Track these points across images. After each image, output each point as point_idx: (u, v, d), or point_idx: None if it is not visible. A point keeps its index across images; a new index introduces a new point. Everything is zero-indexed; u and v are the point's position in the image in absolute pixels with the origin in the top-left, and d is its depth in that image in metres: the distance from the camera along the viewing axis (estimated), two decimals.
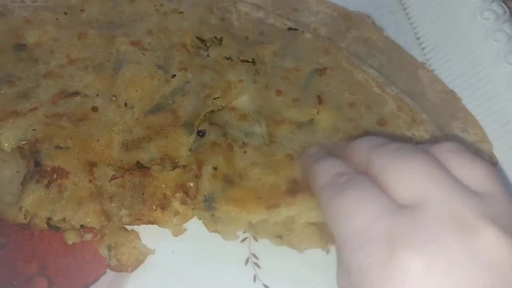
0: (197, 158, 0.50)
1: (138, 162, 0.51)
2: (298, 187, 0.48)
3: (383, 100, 0.56)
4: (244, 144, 0.51)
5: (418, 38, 0.68)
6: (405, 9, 0.71)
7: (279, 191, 0.47)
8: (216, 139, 0.51)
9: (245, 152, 0.51)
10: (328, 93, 0.56)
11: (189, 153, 0.51)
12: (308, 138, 0.52)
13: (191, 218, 0.50)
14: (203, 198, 0.48)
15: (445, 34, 0.66)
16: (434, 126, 0.55)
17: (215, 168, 0.49)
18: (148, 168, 0.50)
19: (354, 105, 0.55)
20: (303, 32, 0.62)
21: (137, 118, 0.54)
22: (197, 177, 0.49)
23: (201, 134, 0.52)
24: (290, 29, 0.62)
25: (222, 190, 0.48)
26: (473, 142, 0.57)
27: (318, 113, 0.54)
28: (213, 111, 0.54)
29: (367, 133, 0.53)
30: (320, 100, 0.55)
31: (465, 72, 0.62)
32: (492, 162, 0.56)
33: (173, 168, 0.51)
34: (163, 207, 0.49)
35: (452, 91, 0.62)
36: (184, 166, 0.50)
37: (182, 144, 0.52)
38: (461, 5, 0.65)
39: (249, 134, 0.52)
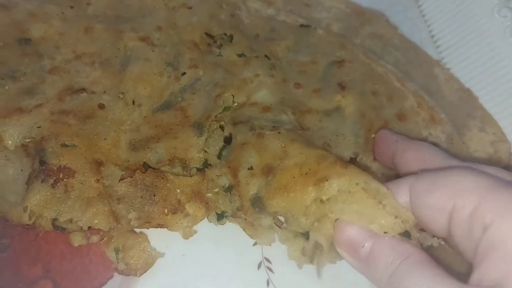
0: (230, 167, 0.48)
1: (145, 163, 0.49)
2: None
3: (403, 94, 0.55)
4: (275, 128, 0.48)
5: (432, 36, 0.67)
6: (419, 7, 0.69)
7: (326, 161, 0.42)
8: (244, 138, 0.48)
9: (279, 132, 0.47)
10: (349, 82, 0.55)
11: (200, 155, 0.50)
12: (338, 125, 0.51)
13: (201, 220, 0.49)
14: (250, 203, 0.45)
15: (461, 32, 0.64)
16: (452, 127, 0.53)
17: (250, 168, 0.46)
18: (155, 169, 0.49)
19: (376, 94, 0.54)
20: (315, 29, 0.60)
21: (145, 116, 0.52)
22: (235, 185, 0.47)
23: (227, 141, 0.50)
24: (302, 26, 0.61)
25: (266, 185, 0.44)
26: (491, 141, 0.56)
27: (343, 98, 0.53)
28: (228, 108, 0.52)
29: (387, 125, 0.52)
30: (342, 87, 0.54)
31: (482, 70, 0.60)
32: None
33: (183, 170, 0.50)
34: (175, 212, 0.47)
35: (468, 89, 0.60)
36: (202, 173, 0.49)
37: (192, 146, 0.50)
38: (478, 3, 0.63)
39: (278, 122, 0.49)
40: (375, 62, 0.57)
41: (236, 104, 0.52)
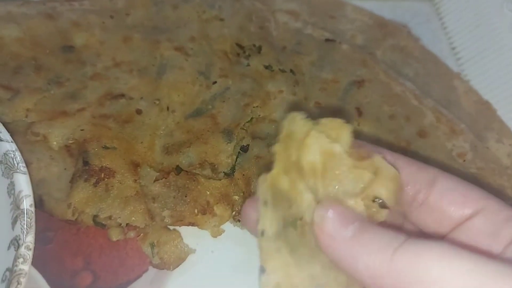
0: (244, 175, 0.51)
1: (177, 166, 0.52)
2: None
3: (421, 112, 0.57)
4: None
5: (453, 49, 0.69)
6: (441, 19, 0.71)
7: None
8: (260, 152, 0.52)
9: None
10: (367, 105, 0.57)
11: (229, 160, 0.53)
12: None
13: (227, 220, 0.52)
14: None
15: (481, 45, 0.66)
16: (473, 136, 0.56)
17: None
18: (187, 171, 0.52)
19: (394, 117, 0.56)
20: (340, 43, 0.63)
21: (178, 122, 0.56)
22: (245, 193, 0.50)
23: (244, 149, 0.53)
24: (327, 40, 0.63)
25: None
26: (508, 153, 0.58)
27: (358, 125, 0.55)
28: (252, 119, 0.56)
29: (409, 145, 0.53)
30: (359, 112, 0.56)
31: (501, 83, 0.62)
32: None
33: (212, 172, 0.53)
34: (204, 213, 0.50)
35: (487, 101, 0.62)
36: (230, 178, 0.52)
37: (221, 151, 0.53)
38: (499, 17, 0.65)
39: None
40: (394, 80, 0.59)
41: (260, 115, 0.56)
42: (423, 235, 0.35)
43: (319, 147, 0.32)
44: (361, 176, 0.32)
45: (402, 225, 0.37)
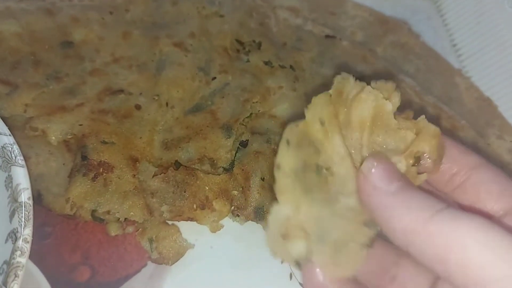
0: (243, 170, 0.51)
1: (176, 161, 0.52)
2: None
3: (422, 108, 0.56)
4: None
5: (454, 45, 0.69)
6: (441, 16, 0.71)
7: None
8: (259, 147, 0.52)
9: None
10: None
11: (228, 156, 0.52)
12: None
13: (226, 215, 0.51)
14: (254, 210, 0.49)
15: (483, 42, 0.66)
16: (474, 132, 0.55)
17: (262, 179, 0.50)
18: (186, 167, 0.52)
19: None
20: (340, 39, 0.63)
21: (177, 118, 0.56)
22: (244, 188, 0.50)
23: (243, 144, 0.53)
24: (327, 36, 0.63)
25: (271, 201, 0.47)
26: (509, 149, 0.57)
27: None
28: (251, 115, 0.55)
29: None
30: None
31: (502, 80, 0.62)
32: None
33: (211, 168, 0.53)
34: (203, 207, 0.50)
35: (488, 98, 0.62)
36: (229, 173, 0.52)
37: (221, 146, 0.53)
38: (500, 14, 0.65)
39: None
40: (394, 77, 0.59)
41: (259, 111, 0.56)
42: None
43: (372, 102, 0.33)
44: (405, 135, 0.33)
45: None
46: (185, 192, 0.50)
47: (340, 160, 0.33)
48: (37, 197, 0.49)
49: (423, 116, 0.34)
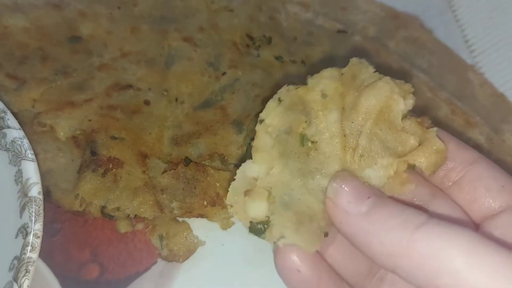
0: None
1: (186, 157, 0.51)
2: None
3: (436, 104, 0.56)
4: None
5: (466, 41, 0.68)
6: (454, 11, 0.70)
7: None
8: None
9: None
10: None
11: (239, 152, 0.52)
12: None
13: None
14: None
15: (495, 38, 0.65)
16: (489, 128, 0.54)
17: None
18: (196, 163, 0.51)
19: None
20: (352, 34, 0.62)
21: (187, 113, 0.55)
22: None
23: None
24: (339, 31, 0.62)
25: None
26: None
27: None
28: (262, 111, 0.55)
29: None
30: None
31: None
32: None
33: (222, 164, 0.52)
34: (214, 204, 0.49)
35: (502, 94, 0.61)
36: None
37: (231, 142, 0.52)
38: None
39: None
40: (408, 73, 0.58)
41: None
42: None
43: (386, 93, 0.32)
44: (407, 139, 0.32)
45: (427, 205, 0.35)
46: (195, 188, 0.50)
47: (329, 138, 0.32)
48: (46, 194, 0.48)
49: (435, 128, 0.33)
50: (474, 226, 0.32)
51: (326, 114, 0.33)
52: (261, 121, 0.33)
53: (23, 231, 0.36)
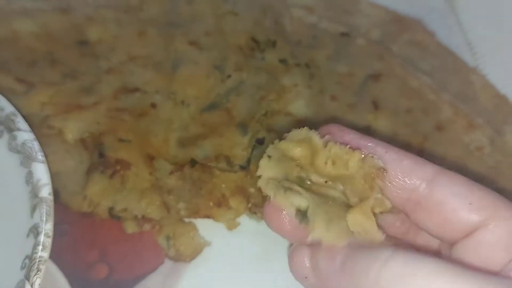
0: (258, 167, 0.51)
1: (192, 159, 0.52)
2: None
3: (438, 106, 0.56)
4: None
5: (469, 43, 0.68)
6: (456, 15, 0.71)
7: None
8: None
9: None
10: (383, 99, 0.57)
11: (244, 153, 0.52)
12: None
13: (243, 213, 0.51)
14: None
15: (498, 40, 0.66)
16: (491, 130, 0.55)
17: None
18: (202, 164, 0.52)
19: (410, 111, 0.56)
20: (355, 37, 0.63)
21: (193, 116, 0.56)
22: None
23: (259, 142, 0.53)
24: (343, 34, 0.63)
25: None
26: None
27: (374, 119, 0.55)
28: (267, 112, 0.55)
29: (426, 140, 0.53)
30: (376, 106, 0.56)
31: None
32: None
33: (227, 165, 0.52)
34: (220, 205, 0.50)
35: (504, 96, 0.62)
36: (246, 171, 0.51)
37: (237, 144, 0.53)
38: None
39: None
40: (411, 75, 0.59)
41: (275, 108, 0.55)
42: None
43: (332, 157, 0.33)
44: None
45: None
46: (201, 189, 0.50)
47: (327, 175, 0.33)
48: (55, 195, 0.48)
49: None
50: (448, 251, 0.30)
51: (308, 168, 0.34)
52: (259, 177, 0.34)
53: (34, 230, 0.37)
